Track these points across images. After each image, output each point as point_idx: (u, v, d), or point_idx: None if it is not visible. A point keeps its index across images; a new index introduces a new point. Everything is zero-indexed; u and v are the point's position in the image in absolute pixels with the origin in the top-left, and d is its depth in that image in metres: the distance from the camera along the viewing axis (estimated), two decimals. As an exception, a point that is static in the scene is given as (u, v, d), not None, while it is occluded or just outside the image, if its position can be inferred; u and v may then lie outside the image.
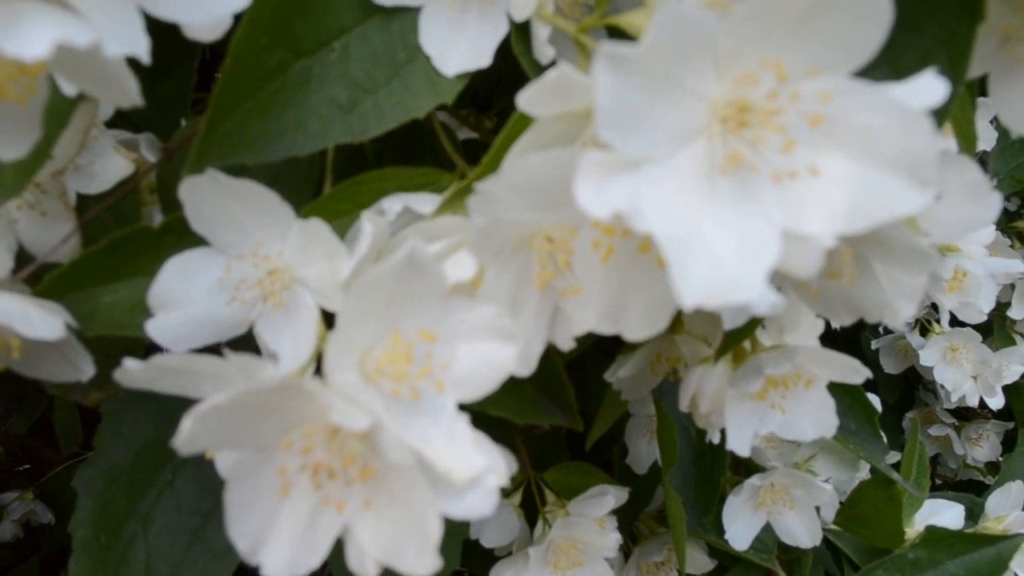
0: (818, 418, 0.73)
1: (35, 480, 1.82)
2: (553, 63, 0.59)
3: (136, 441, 0.80)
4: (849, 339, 1.72)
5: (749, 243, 0.39)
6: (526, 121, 0.47)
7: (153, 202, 0.74)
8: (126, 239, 0.60)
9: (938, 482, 2.06)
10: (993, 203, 0.59)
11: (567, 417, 0.68)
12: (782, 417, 0.73)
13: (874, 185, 0.38)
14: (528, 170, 0.43)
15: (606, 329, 0.50)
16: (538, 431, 0.81)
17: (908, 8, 0.54)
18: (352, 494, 0.43)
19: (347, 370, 0.44)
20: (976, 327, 1.57)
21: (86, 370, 0.61)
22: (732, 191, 0.39)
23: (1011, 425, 1.77)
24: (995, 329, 1.66)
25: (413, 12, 0.60)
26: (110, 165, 0.69)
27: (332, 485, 0.43)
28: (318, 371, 0.50)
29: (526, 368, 0.52)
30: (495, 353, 0.46)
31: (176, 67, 0.80)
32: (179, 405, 0.45)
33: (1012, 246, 1.58)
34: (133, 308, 0.60)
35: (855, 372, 0.70)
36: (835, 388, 0.98)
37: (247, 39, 0.53)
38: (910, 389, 1.85)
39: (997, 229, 1.50)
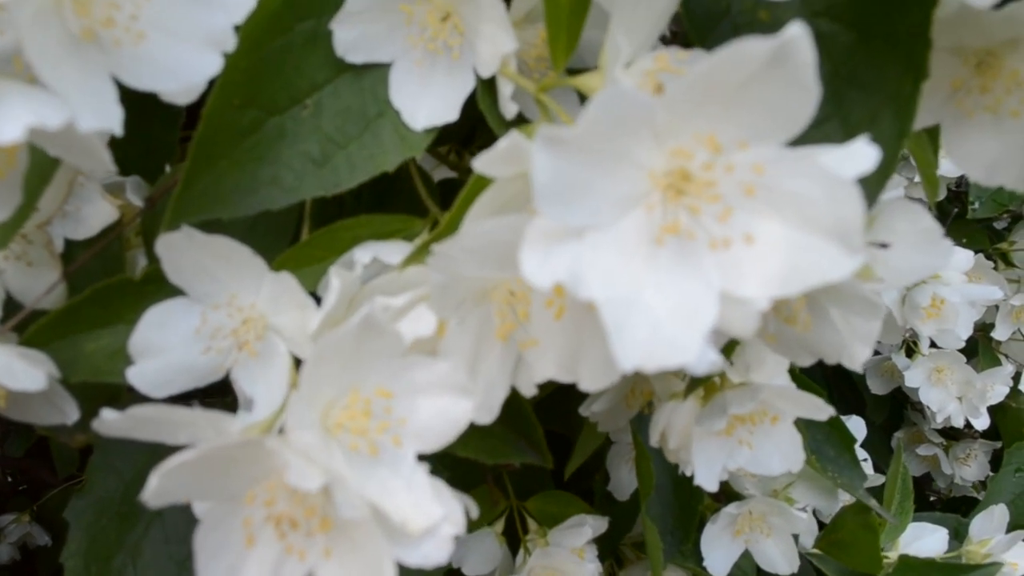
0: (785, 453, 0.75)
1: (32, 502, 1.84)
2: (520, 116, 0.62)
3: (126, 473, 0.82)
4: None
5: (687, 307, 0.41)
6: (484, 182, 0.49)
7: (138, 245, 0.76)
8: (108, 288, 0.62)
9: (932, 498, 2.07)
10: (944, 250, 0.61)
11: (537, 455, 0.70)
12: (749, 452, 0.75)
13: (807, 250, 0.40)
14: (483, 235, 0.45)
15: (564, 378, 0.52)
16: (509, 469, 0.83)
17: (857, 66, 0.57)
18: (314, 544, 0.46)
19: (307, 427, 0.46)
20: (961, 348, 1.59)
21: (71, 414, 0.63)
22: (672, 256, 0.41)
23: (999, 444, 1.79)
24: (980, 349, 1.68)
25: (383, 67, 0.62)
26: (96, 211, 0.71)
27: (295, 535, 0.45)
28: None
29: (488, 416, 0.54)
30: (451, 407, 0.49)
31: (162, 110, 0.82)
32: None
33: (996, 267, 1.60)
34: (114, 355, 0.63)
35: (819, 410, 0.72)
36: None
37: (220, 102, 0.55)
38: (899, 408, 1.86)
39: (979, 251, 1.53)
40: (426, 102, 0.61)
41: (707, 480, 0.74)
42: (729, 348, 0.74)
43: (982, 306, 1.38)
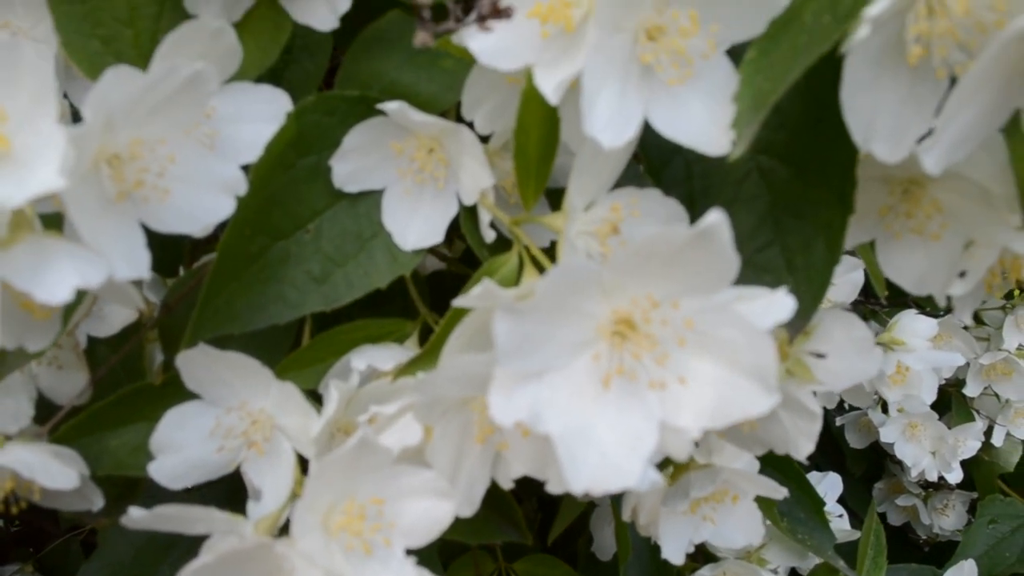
0: (746, 528, 0.82)
1: (35, 552, 1.89)
2: (499, 235, 0.69)
3: (137, 539, 0.89)
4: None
5: (632, 436, 0.48)
6: (461, 313, 0.56)
7: (154, 339, 0.84)
8: (132, 392, 0.70)
9: (921, 540, 2.12)
10: (876, 356, 0.69)
11: (517, 533, 0.77)
12: (713, 528, 0.82)
13: (732, 388, 0.48)
14: (461, 368, 0.52)
15: (537, 477, 0.59)
16: (492, 546, 0.90)
17: (794, 198, 0.65)
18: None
19: (310, 531, 0.53)
20: (935, 402, 1.66)
21: (96, 502, 0.71)
22: (618, 393, 0.49)
23: (976, 495, 1.85)
24: (954, 405, 1.75)
25: (376, 193, 0.69)
26: (118, 311, 0.79)
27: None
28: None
29: (470, 509, 0.61)
30: (434, 508, 0.56)
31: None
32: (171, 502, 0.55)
33: (966, 327, 1.67)
34: (136, 450, 0.70)
35: (775, 491, 0.79)
36: (786, 480, 1.08)
37: (233, 234, 0.63)
38: (880, 459, 1.93)
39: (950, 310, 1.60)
40: (415, 226, 0.69)
41: (673, 554, 0.81)
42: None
43: (943, 375, 1.45)
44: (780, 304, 0.49)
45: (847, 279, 1.07)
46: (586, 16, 0.54)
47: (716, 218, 0.44)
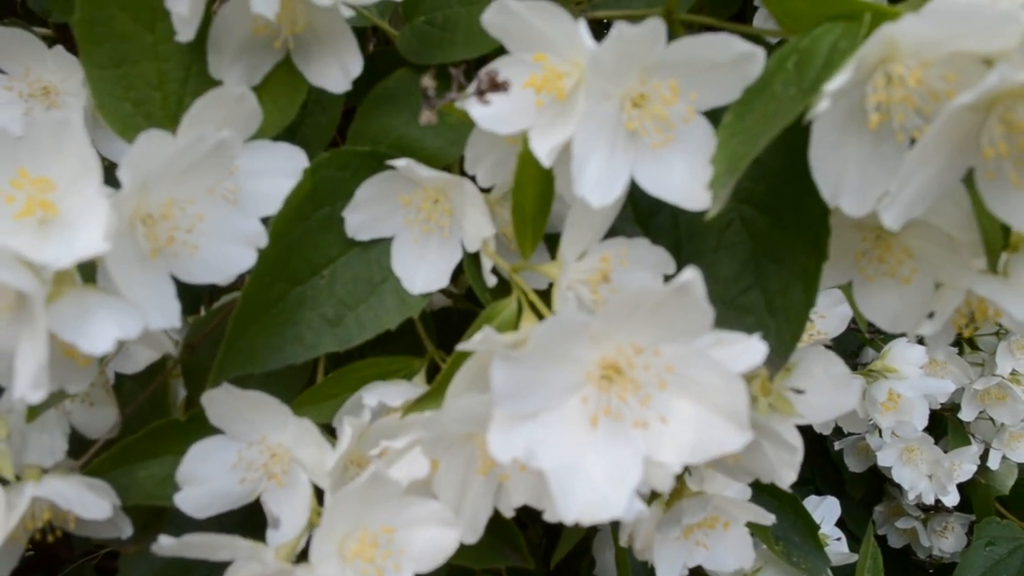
0: (738, 552, 0.87)
1: (49, 578, 1.93)
2: (500, 279, 0.74)
3: (157, 561, 0.94)
4: (816, 439, 1.85)
5: (618, 470, 0.53)
6: (464, 356, 0.61)
7: (177, 375, 0.89)
8: (159, 428, 0.75)
9: (925, 559, 2.15)
10: (854, 391, 0.74)
11: (519, 558, 0.82)
12: (706, 553, 0.86)
13: (709, 427, 0.53)
14: (464, 408, 0.57)
15: (536, 506, 0.64)
16: (497, 571, 0.94)
17: (773, 244, 0.69)
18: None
19: (327, 558, 0.58)
20: (932, 426, 1.70)
21: (126, 530, 0.75)
22: (605, 431, 0.54)
23: (974, 518, 1.88)
24: (950, 429, 1.79)
25: (386, 241, 0.75)
26: (144, 349, 0.84)
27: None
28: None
29: (474, 536, 0.66)
30: (441, 537, 0.61)
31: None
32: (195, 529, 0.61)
33: (960, 352, 1.72)
34: (163, 481, 0.75)
35: (764, 518, 0.84)
36: (780, 504, 1.13)
37: (254, 282, 0.69)
38: (879, 482, 1.96)
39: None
40: (422, 271, 0.74)
41: (668, 578, 0.86)
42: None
43: (936, 402, 1.50)
44: (754, 349, 0.54)
45: (836, 312, 1.11)
46: (576, 85, 0.59)
47: (691, 275, 0.49)
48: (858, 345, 1.72)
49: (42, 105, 0.93)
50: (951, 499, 1.70)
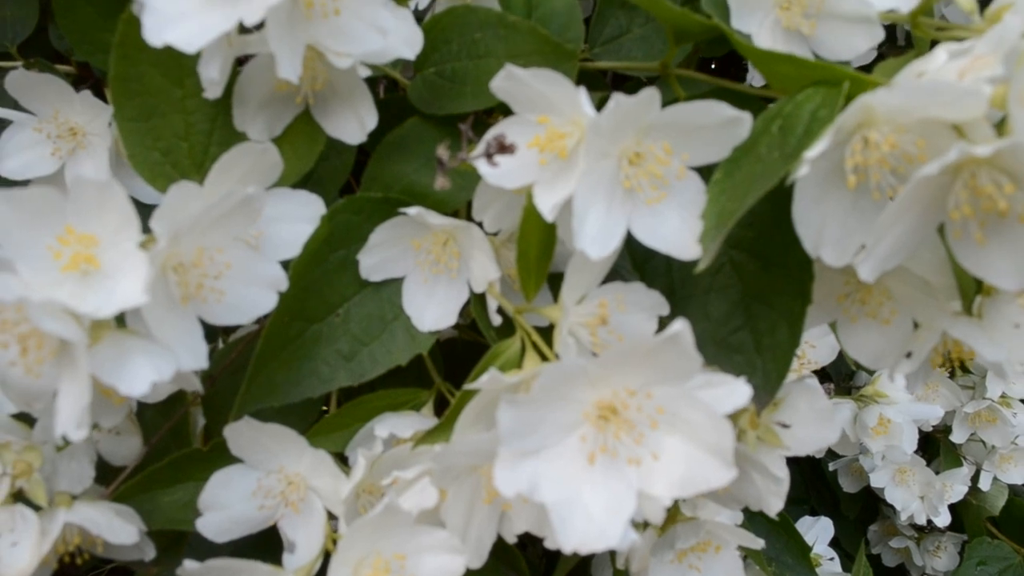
0: (730, 574, 0.91)
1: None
2: (505, 319, 0.79)
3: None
4: (811, 460, 1.89)
5: (613, 503, 0.57)
6: (471, 394, 0.66)
7: (196, 404, 0.93)
8: (182, 456, 0.79)
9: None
10: (837, 425, 0.78)
11: (521, 581, 0.86)
12: (699, 575, 0.90)
13: (697, 463, 0.57)
14: (472, 444, 0.62)
15: (537, 534, 0.68)
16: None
17: (761, 287, 0.74)
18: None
19: (344, 583, 0.62)
20: (924, 447, 1.74)
21: (149, 553, 0.80)
22: (602, 466, 0.58)
23: (966, 537, 1.92)
24: (942, 451, 1.83)
25: (398, 281, 0.79)
26: (165, 381, 0.89)
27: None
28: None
29: (479, 561, 0.71)
30: (449, 563, 0.65)
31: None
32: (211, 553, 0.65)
33: (952, 375, 1.76)
34: (185, 506, 0.80)
35: (753, 542, 0.88)
36: (773, 526, 1.17)
37: (275, 322, 0.73)
38: (873, 502, 2.00)
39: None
40: (431, 310, 0.78)
41: (664, 600, 0.90)
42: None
43: (926, 426, 1.54)
44: (739, 392, 0.59)
45: (826, 341, 1.16)
46: (577, 144, 0.63)
47: (681, 326, 0.54)
48: (851, 369, 1.76)
49: (69, 145, 0.98)
50: (943, 519, 1.74)
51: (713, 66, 1.57)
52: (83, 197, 0.57)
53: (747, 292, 0.74)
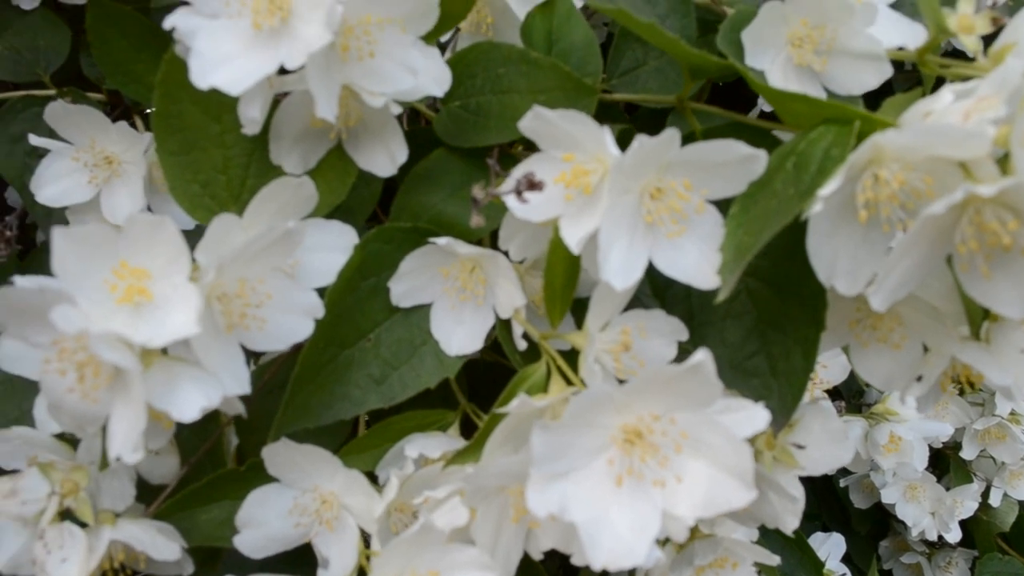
0: (745, 591, 0.94)
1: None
2: (529, 345, 0.82)
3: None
4: (822, 476, 1.91)
5: (640, 522, 0.60)
6: (499, 417, 0.69)
7: (229, 423, 0.97)
8: (220, 475, 0.83)
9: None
10: (849, 446, 0.81)
11: (545, 597, 0.89)
12: (716, 591, 0.93)
13: (719, 484, 0.60)
14: (503, 465, 0.65)
15: (563, 551, 0.71)
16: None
17: (776, 314, 0.77)
18: None
19: (381, 598, 0.66)
20: (935, 464, 1.76)
21: (187, 569, 0.83)
22: (628, 488, 0.61)
23: (977, 553, 1.94)
24: (952, 467, 1.85)
25: (426, 307, 0.82)
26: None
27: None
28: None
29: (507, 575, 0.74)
30: (479, 580, 0.69)
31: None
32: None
33: (961, 392, 1.78)
34: (222, 524, 0.83)
35: (769, 559, 0.91)
36: (787, 543, 1.20)
37: (312, 347, 0.76)
38: (885, 518, 2.02)
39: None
40: (458, 335, 0.82)
41: (681, 614, 0.93)
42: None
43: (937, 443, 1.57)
44: (758, 417, 0.62)
45: (837, 361, 1.19)
46: (600, 180, 0.67)
47: (702, 356, 0.57)
48: (861, 387, 1.79)
49: (104, 173, 1.02)
50: (953, 535, 1.76)
51: (720, 83, 1.60)
52: (136, 233, 0.61)
53: (762, 319, 0.77)
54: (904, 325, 0.77)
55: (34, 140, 1.02)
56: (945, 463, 1.89)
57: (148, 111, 1.23)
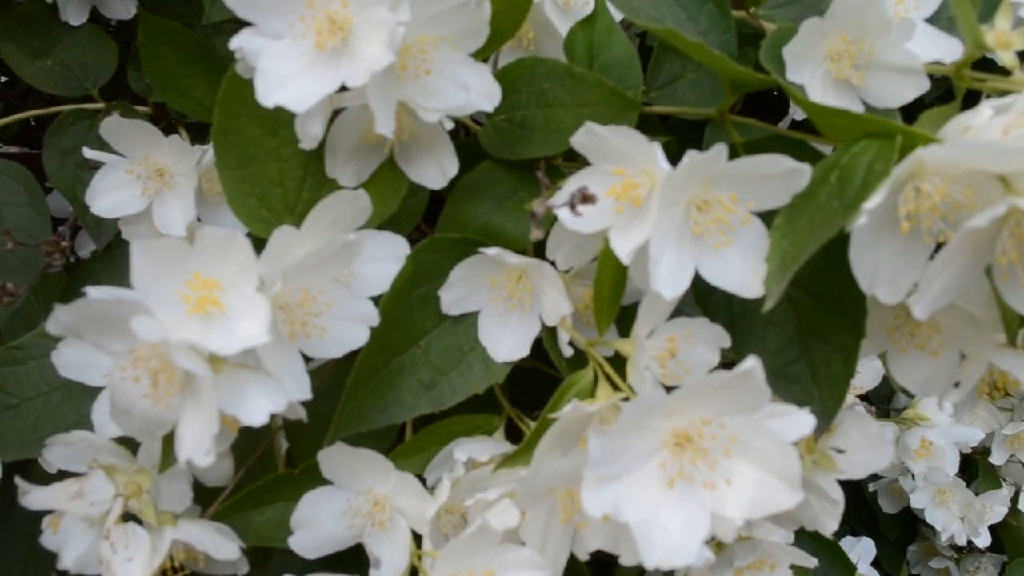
0: (784, 592, 0.96)
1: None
2: (577, 352, 0.84)
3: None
4: (851, 481, 1.92)
5: (690, 522, 0.63)
6: (548, 422, 0.72)
7: (279, 428, 0.99)
8: (275, 478, 0.85)
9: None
10: (888, 451, 0.83)
11: (588, 597, 0.91)
12: (755, 592, 0.95)
13: (767, 487, 0.62)
14: (555, 469, 0.68)
15: (611, 552, 0.74)
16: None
17: (816, 322, 0.79)
18: None
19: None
20: (964, 469, 1.77)
21: (243, 569, 0.86)
22: (679, 490, 0.63)
23: (1006, 558, 1.95)
24: (981, 472, 1.86)
25: (474, 314, 0.85)
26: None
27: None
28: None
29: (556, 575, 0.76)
30: (532, 579, 0.71)
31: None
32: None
33: (990, 395, 1.79)
34: (276, 525, 0.86)
35: (807, 561, 0.93)
36: (819, 546, 1.21)
37: (366, 354, 0.79)
38: (913, 523, 2.03)
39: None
40: (505, 342, 0.84)
41: (721, 617, 0.95)
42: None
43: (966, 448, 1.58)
44: (804, 421, 0.64)
45: (870, 367, 1.21)
46: (649, 193, 0.69)
47: (752, 363, 0.59)
48: (891, 391, 1.80)
49: (156, 185, 1.05)
50: (983, 540, 1.77)
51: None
52: (209, 245, 0.63)
53: (803, 326, 0.79)
54: (942, 332, 0.79)
55: (88, 153, 1.05)
56: (974, 468, 1.90)
57: (191, 123, 1.27)
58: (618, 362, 0.77)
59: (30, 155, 1.51)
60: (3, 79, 1.78)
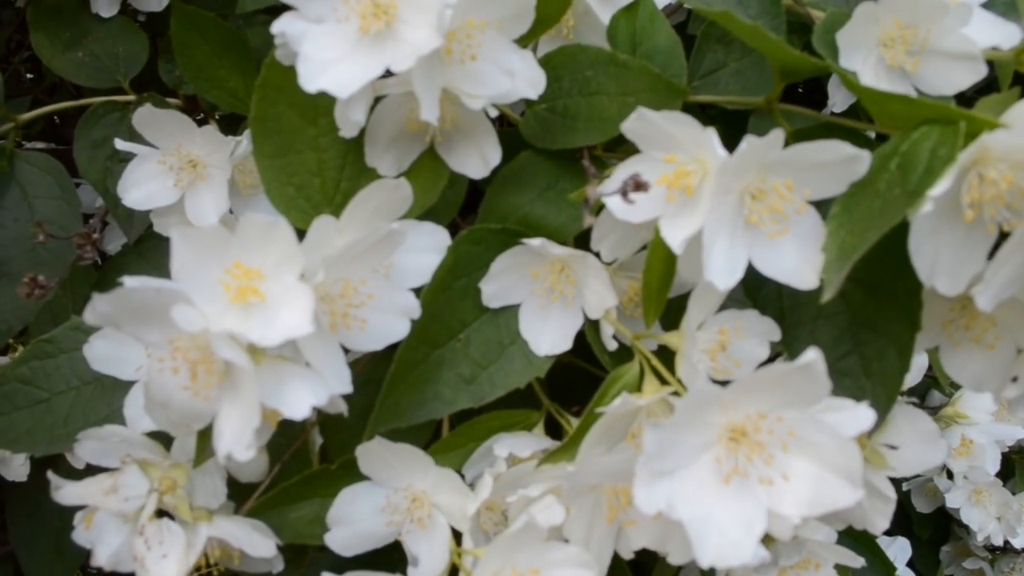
0: (828, 592, 0.94)
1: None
2: (621, 346, 0.82)
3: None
4: (885, 480, 1.89)
5: (745, 520, 0.61)
6: (594, 417, 0.70)
7: (313, 424, 0.98)
8: (311, 474, 0.84)
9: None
10: (941, 448, 0.81)
11: (630, 596, 0.89)
12: (800, 592, 0.93)
13: (825, 484, 0.60)
14: (603, 464, 0.66)
15: (658, 551, 0.72)
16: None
17: (869, 314, 0.77)
18: None
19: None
20: (1000, 469, 1.74)
21: (278, 566, 0.84)
22: (735, 486, 0.61)
23: (1042, 559, 1.92)
24: (1017, 471, 1.83)
25: (514, 307, 0.83)
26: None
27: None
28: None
29: (601, 574, 0.74)
30: (579, 576, 0.69)
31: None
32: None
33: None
34: (312, 522, 0.84)
35: (852, 560, 0.91)
36: (858, 547, 1.19)
37: (406, 347, 0.77)
38: (946, 523, 2.00)
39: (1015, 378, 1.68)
40: (547, 335, 0.82)
41: (765, 616, 0.93)
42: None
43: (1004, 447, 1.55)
44: (863, 416, 0.62)
45: (914, 362, 1.18)
46: (701, 180, 0.67)
47: (813, 355, 0.57)
48: (926, 388, 1.77)
49: (189, 176, 1.04)
50: (1020, 540, 1.74)
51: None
52: (251, 233, 0.62)
53: (855, 319, 0.77)
54: (998, 326, 0.77)
55: (120, 144, 1.04)
56: (1010, 467, 1.86)
57: (222, 115, 1.26)
58: (663, 356, 0.75)
59: (57, 151, 1.50)
60: (29, 76, 1.78)
